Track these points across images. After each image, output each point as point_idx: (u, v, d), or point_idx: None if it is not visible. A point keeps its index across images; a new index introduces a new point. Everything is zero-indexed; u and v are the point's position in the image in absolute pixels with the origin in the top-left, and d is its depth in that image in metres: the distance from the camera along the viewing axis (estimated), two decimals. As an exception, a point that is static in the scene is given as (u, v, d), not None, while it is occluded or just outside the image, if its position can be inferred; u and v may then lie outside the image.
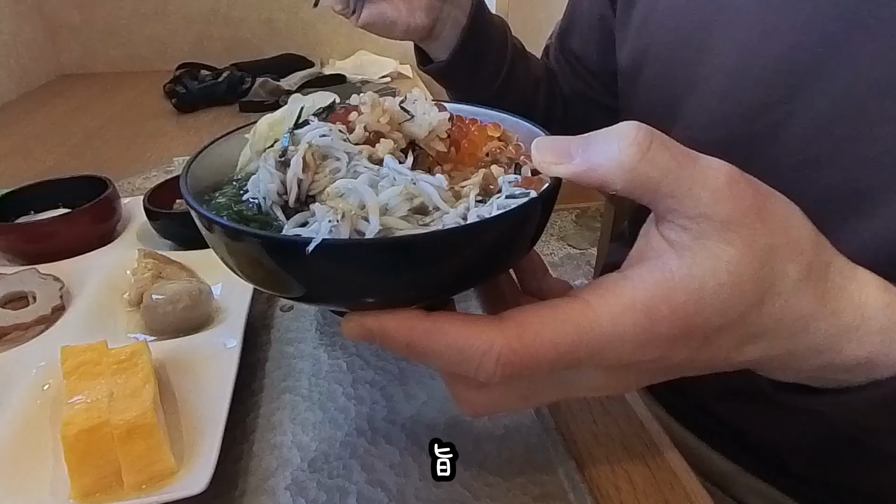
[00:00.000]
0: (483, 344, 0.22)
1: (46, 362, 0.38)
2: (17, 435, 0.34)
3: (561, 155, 0.24)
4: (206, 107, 1.11)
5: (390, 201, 0.24)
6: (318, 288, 0.25)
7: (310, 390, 0.40)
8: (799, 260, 0.23)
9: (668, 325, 0.22)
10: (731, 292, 0.22)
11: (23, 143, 0.96)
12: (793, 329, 0.23)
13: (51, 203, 0.59)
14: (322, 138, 0.27)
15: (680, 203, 0.22)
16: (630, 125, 0.23)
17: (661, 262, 0.23)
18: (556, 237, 2.35)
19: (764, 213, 0.22)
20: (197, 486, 0.30)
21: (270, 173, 0.26)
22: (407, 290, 0.24)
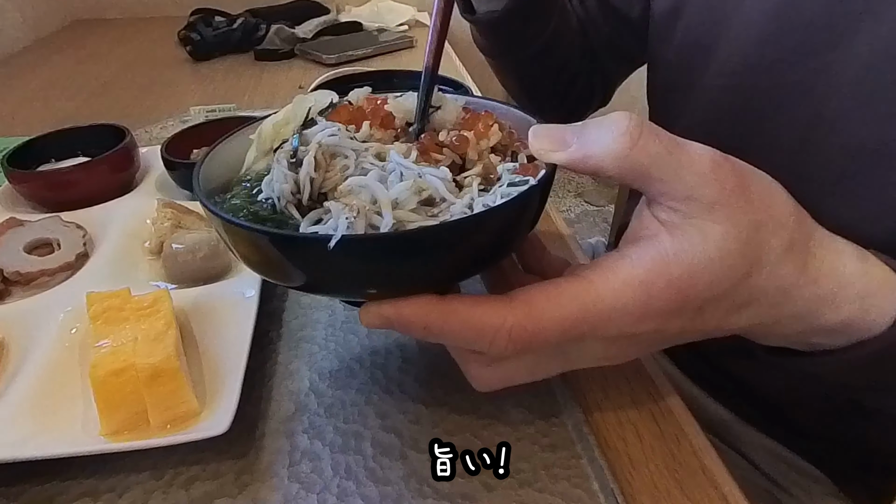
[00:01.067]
0: (495, 322, 0.24)
1: (73, 307, 0.40)
2: (49, 375, 0.35)
3: (557, 143, 0.26)
4: (221, 54, 1.10)
5: (400, 196, 0.25)
6: (338, 281, 0.26)
7: (326, 340, 0.41)
8: (781, 234, 0.25)
9: (664, 299, 0.24)
10: (721, 266, 0.24)
11: (40, 90, 0.96)
12: (776, 298, 0.25)
13: (70, 151, 0.60)
14: (331, 137, 0.28)
15: (669, 186, 0.24)
16: (622, 115, 0.24)
17: (656, 241, 0.24)
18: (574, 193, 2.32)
19: (747, 193, 0.24)
20: (219, 426, 0.31)
21: (284, 174, 0.27)
22: (421, 278, 0.26)
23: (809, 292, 0.26)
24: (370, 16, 1.31)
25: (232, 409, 0.32)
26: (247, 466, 0.32)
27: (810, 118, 0.38)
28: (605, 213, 2.19)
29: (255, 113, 0.70)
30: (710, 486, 0.31)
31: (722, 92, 0.43)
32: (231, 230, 0.26)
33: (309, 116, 0.30)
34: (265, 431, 0.34)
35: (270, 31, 1.12)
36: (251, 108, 0.84)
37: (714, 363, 0.52)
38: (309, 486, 0.31)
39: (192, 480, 0.32)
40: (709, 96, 0.44)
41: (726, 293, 0.25)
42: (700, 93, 0.45)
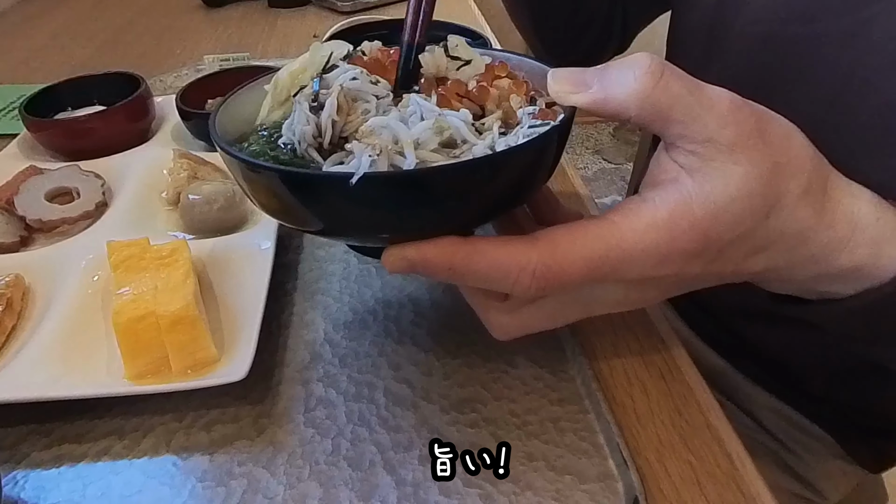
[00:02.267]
0: (519, 261, 0.24)
1: (94, 255, 0.40)
2: (74, 320, 0.37)
3: (577, 84, 0.25)
4: (234, 1, 1.07)
5: (422, 135, 0.25)
6: (358, 222, 0.26)
7: (340, 292, 0.41)
8: (800, 177, 0.25)
9: (686, 240, 0.24)
10: (742, 207, 0.24)
11: (54, 37, 0.96)
12: (793, 241, 0.25)
13: (86, 100, 0.60)
14: (353, 81, 0.27)
15: (688, 129, 0.24)
16: (644, 55, 0.24)
17: (678, 184, 0.24)
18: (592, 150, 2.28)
19: (766, 135, 0.24)
20: (238, 373, 0.32)
21: (306, 116, 0.26)
22: (442, 220, 0.26)
23: (825, 236, 0.26)
24: (387, -39, 1.26)
25: (249, 357, 0.33)
26: (264, 411, 0.33)
27: (847, 73, 0.36)
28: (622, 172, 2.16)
29: (269, 62, 0.69)
30: (714, 442, 0.32)
31: (756, 41, 0.41)
32: (251, 175, 0.25)
33: (329, 62, 0.30)
34: (281, 379, 0.35)
35: (285, -24, 1.09)
36: (265, 58, 0.83)
37: (723, 322, 0.52)
38: (324, 432, 0.32)
39: (213, 423, 0.33)
40: (743, 44, 0.42)
41: (746, 235, 0.24)
42: (733, 40, 0.43)
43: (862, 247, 0.26)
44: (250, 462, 0.31)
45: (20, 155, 0.54)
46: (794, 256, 0.26)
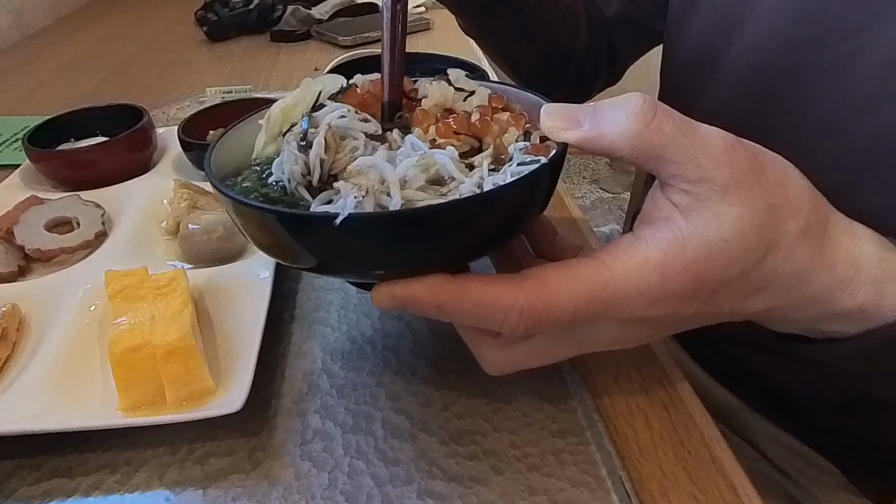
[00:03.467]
0: (507, 301, 0.24)
1: (92, 285, 0.40)
2: (69, 350, 0.36)
3: (570, 121, 0.25)
4: (237, 35, 1.10)
5: (407, 173, 0.25)
6: (346, 261, 0.26)
7: (339, 322, 0.41)
8: (798, 218, 0.25)
9: (679, 282, 0.24)
10: (736, 248, 0.23)
11: (59, 69, 0.97)
12: (792, 282, 0.25)
13: (89, 131, 0.60)
14: (340, 119, 0.28)
15: (682, 168, 0.24)
16: (636, 95, 0.24)
17: (671, 223, 0.24)
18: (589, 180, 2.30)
19: (762, 176, 0.24)
20: (233, 405, 0.31)
21: (294, 155, 0.27)
22: (430, 259, 0.26)
23: (826, 276, 0.25)
24: (387, -3, 1.29)
25: (246, 388, 0.32)
26: (260, 444, 0.33)
27: (839, 101, 0.37)
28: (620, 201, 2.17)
29: (271, 94, 0.70)
30: (718, 475, 0.31)
31: (748, 71, 0.42)
32: (241, 211, 0.26)
33: (319, 100, 0.30)
34: (278, 410, 0.35)
35: (286, 12, 1.11)
36: (267, 90, 0.84)
37: (726, 352, 0.52)
38: (321, 465, 0.32)
39: (207, 456, 0.32)
40: (734, 75, 0.43)
41: (741, 276, 0.24)
42: (724, 71, 0.44)
43: (864, 287, 0.26)
44: (245, 497, 0.30)
45: (21, 185, 0.55)
46: (794, 297, 0.26)
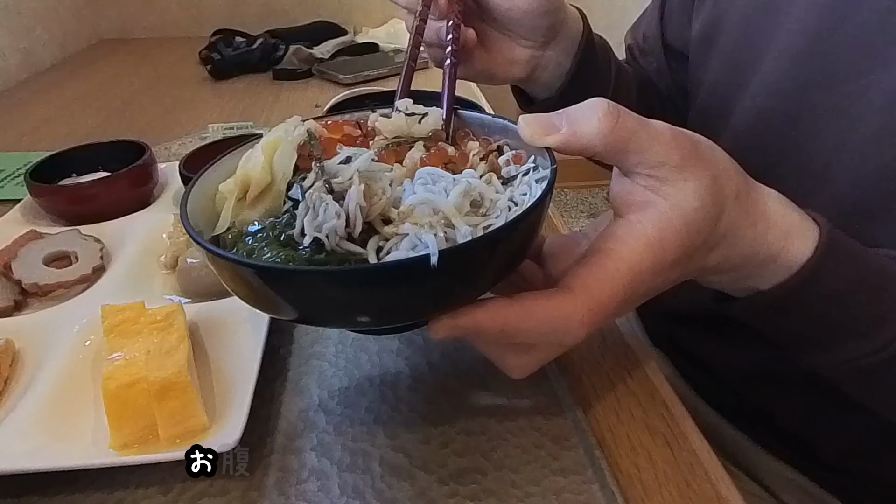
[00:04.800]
0: (566, 314, 0.26)
1: (88, 319, 0.40)
2: (62, 386, 0.36)
3: (548, 127, 0.28)
4: (240, 74, 1.12)
5: (458, 203, 0.27)
6: (439, 297, 0.26)
7: (336, 357, 0.41)
8: (731, 183, 0.29)
9: (674, 249, 0.27)
10: (705, 213, 0.27)
11: (65, 107, 0.99)
12: (732, 238, 0.29)
13: (91, 166, 0.61)
14: (368, 163, 0.28)
15: (644, 157, 0.27)
16: (600, 100, 0.28)
17: (651, 204, 0.27)
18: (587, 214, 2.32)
19: (699, 153, 0.28)
20: (227, 442, 0.31)
21: (335, 210, 0.26)
22: (497, 275, 0.28)
23: (750, 232, 0.29)
24: (386, 37, 1.33)
25: (241, 425, 0.32)
26: (254, 484, 0.32)
27: (842, 142, 0.38)
28: (618, 235, 2.18)
29: (272, 131, 0.71)
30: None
31: (756, 115, 0.43)
32: (307, 279, 0.24)
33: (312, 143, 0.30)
34: (273, 448, 0.34)
35: (289, 51, 1.14)
36: (268, 126, 0.85)
37: (731, 387, 0.51)
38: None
39: (200, 496, 0.31)
40: (744, 120, 0.44)
41: (708, 237, 0.28)
42: (737, 117, 0.45)
43: (776, 240, 0.30)
44: (237, 539, 0.29)
45: (21, 220, 0.55)
46: (732, 252, 0.30)
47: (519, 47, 0.45)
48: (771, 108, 0.42)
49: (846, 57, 0.38)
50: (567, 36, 0.46)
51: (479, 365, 0.40)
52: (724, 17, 0.47)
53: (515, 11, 0.43)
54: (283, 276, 0.25)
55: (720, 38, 0.47)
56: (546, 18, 0.43)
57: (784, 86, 0.41)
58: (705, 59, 0.50)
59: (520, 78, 0.47)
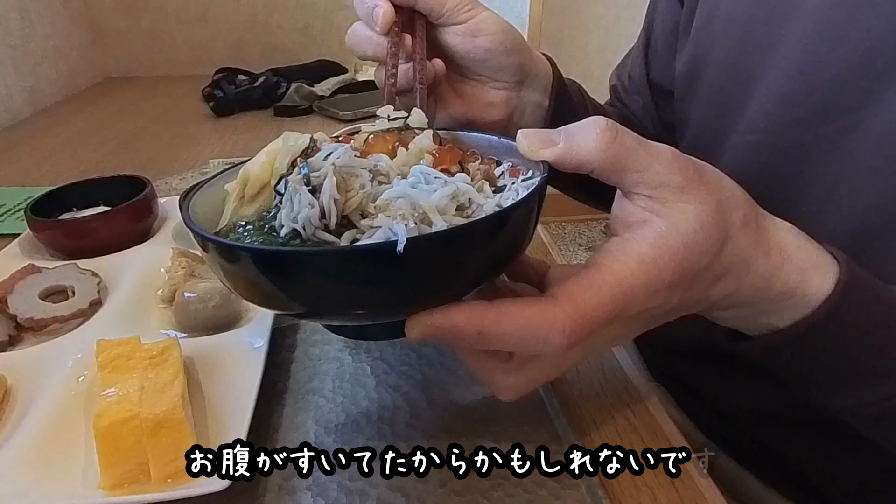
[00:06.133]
0: (547, 320, 0.25)
1: (82, 354, 0.40)
2: (52, 424, 0.35)
3: (546, 141, 0.28)
4: (242, 110, 1.14)
5: (440, 203, 0.26)
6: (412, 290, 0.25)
7: (333, 392, 0.40)
8: (738, 210, 0.28)
9: (671, 271, 0.26)
10: (705, 237, 0.27)
11: (68, 142, 1.00)
12: (740, 269, 0.28)
13: (92, 201, 0.61)
14: (342, 158, 0.28)
15: (643, 176, 0.27)
16: (599, 118, 0.27)
17: (648, 223, 0.27)
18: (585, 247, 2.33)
19: (703, 178, 0.28)
20: (221, 482, 0.30)
21: (307, 199, 0.26)
22: (475, 276, 0.27)
23: (762, 263, 0.28)
24: (386, 75, 1.36)
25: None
26: (247, 525, 0.31)
27: (834, 178, 0.38)
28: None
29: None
30: (733, 557, 0.29)
31: (747, 150, 0.44)
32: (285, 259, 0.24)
33: (310, 147, 0.30)
34: (268, 487, 0.33)
35: (290, 88, 1.16)
36: (269, 162, 0.86)
37: (737, 425, 0.50)
38: (310, 548, 0.30)
39: (190, 539, 0.30)
40: (735, 156, 0.45)
41: (710, 264, 0.27)
42: (728, 153, 0.45)
43: (793, 273, 0.29)
44: (228, 585, 0.28)
45: (20, 254, 0.55)
46: (742, 283, 0.28)
47: (492, 90, 0.45)
48: (762, 143, 0.42)
49: (832, 94, 0.38)
50: (539, 76, 0.47)
51: (478, 401, 0.39)
52: (708, 55, 0.48)
53: (478, 52, 0.42)
54: (246, 254, 0.25)
55: (705, 75, 0.48)
56: (510, 56, 0.43)
57: (774, 122, 0.42)
58: (691, 96, 0.50)
59: (499, 120, 0.46)
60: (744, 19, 0.44)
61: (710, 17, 0.48)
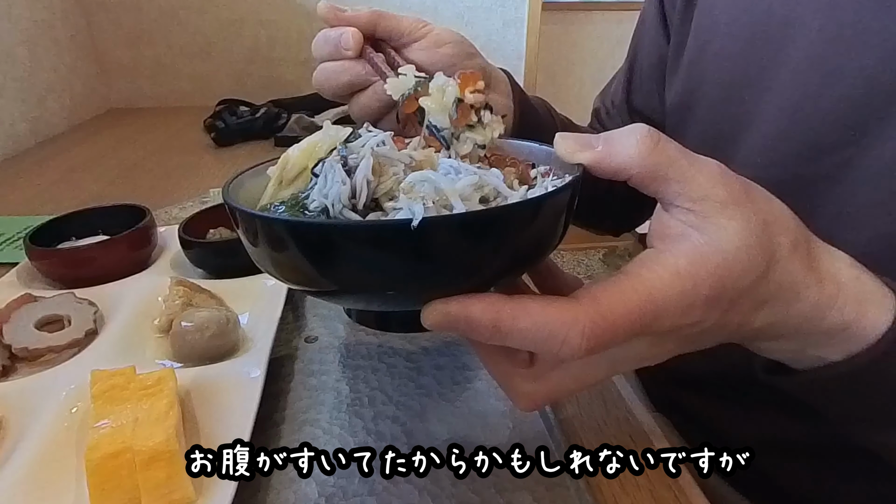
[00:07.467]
0: (568, 320, 0.24)
1: (76, 385, 0.39)
2: (44, 457, 0.34)
3: (584, 144, 0.27)
4: (243, 141, 1.15)
5: (464, 191, 0.26)
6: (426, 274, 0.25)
7: (330, 423, 0.39)
8: (787, 234, 0.26)
9: (707, 287, 0.25)
10: (748, 257, 0.25)
11: (69, 172, 1.01)
12: (788, 296, 0.26)
13: (91, 230, 0.61)
14: (381, 147, 0.28)
15: (685, 188, 0.25)
16: (641, 125, 0.26)
17: (686, 237, 0.25)
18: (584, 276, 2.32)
19: (751, 195, 0.26)
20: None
21: (341, 177, 0.26)
22: (494, 266, 0.25)
23: (815, 292, 0.27)
24: (386, 106, 1.38)
25: (229, 498, 0.30)
26: (240, 562, 0.30)
27: (834, 211, 0.38)
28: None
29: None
30: None
31: None
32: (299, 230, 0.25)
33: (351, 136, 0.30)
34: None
35: (291, 119, 1.18)
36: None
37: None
38: (305, 587, 0.29)
39: (181, 577, 0.29)
40: None
41: (752, 287, 0.25)
42: None
43: (848, 305, 0.27)
44: None
45: (17, 283, 0.55)
46: (789, 312, 0.27)
47: None
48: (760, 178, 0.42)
49: (828, 129, 0.38)
50: (499, 80, 0.48)
51: (478, 433, 0.39)
52: (700, 88, 0.48)
53: (444, 60, 0.43)
54: (266, 223, 0.25)
55: (698, 108, 0.49)
56: (472, 60, 0.44)
57: (771, 157, 0.42)
58: (683, 129, 0.51)
59: None
60: (736, 53, 0.45)
61: (701, 52, 0.49)
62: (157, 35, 1.48)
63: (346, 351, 0.47)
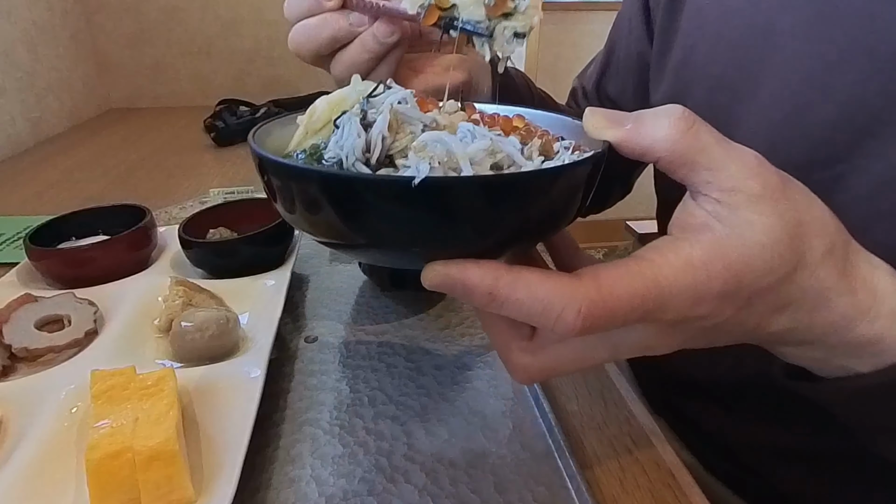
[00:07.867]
0: (565, 295, 0.23)
1: (76, 385, 0.39)
2: (43, 457, 0.34)
3: (613, 121, 0.26)
4: (242, 141, 1.15)
5: (475, 155, 0.25)
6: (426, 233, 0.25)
7: (330, 423, 0.39)
8: (823, 237, 0.25)
9: (722, 281, 0.23)
10: (772, 255, 0.23)
11: (69, 172, 1.01)
12: (815, 302, 0.25)
13: (91, 230, 0.61)
14: (401, 105, 0.28)
15: (715, 176, 0.24)
16: (676, 106, 0.25)
17: (709, 228, 0.24)
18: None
19: (788, 192, 0.25)
20: (214, 517, 0.29)
21: (357, 130, 0.26)
22: (494, 235, 0.25)
23: (846, 301, 0.25)
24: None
25: (228, 498, 0.30)
26: (240, 562, 0.30)
27: None
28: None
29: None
30: None
31: None
32: (308, 177, 0.25)
33: (376, 89, 0.30)
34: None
35: (291, 119, 1.18)
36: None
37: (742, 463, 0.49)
38: (305, 587, 0.29)
39: (181, 577, 0.29)
40: None
41: (773, 287, 0.24)
42: None
43: (883, 317, 0.25)
44: None
45: (17, 283, 0.55)
46: (815, 319, 0.25)
47: (444, 54, 0.44)
48: None
49: (812, 146, 0.38)
50: None
51: (478, 432, 0.39)
52: (686, 93, 0.48)
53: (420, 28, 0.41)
54: (278, 168, 0.26)
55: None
56: None
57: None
58: None
59: (464, 81, 0.45)
60: (722, 62, 0.44)
61: (688, 53, 0.48)
62: (157, 35, 1.48)
63: (346, 351, 0.47)
